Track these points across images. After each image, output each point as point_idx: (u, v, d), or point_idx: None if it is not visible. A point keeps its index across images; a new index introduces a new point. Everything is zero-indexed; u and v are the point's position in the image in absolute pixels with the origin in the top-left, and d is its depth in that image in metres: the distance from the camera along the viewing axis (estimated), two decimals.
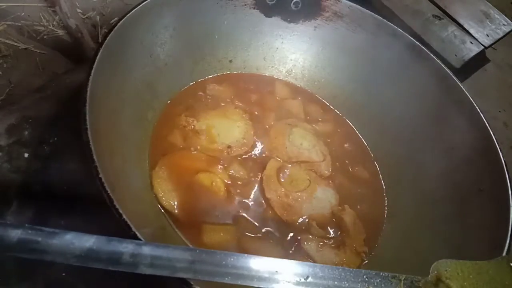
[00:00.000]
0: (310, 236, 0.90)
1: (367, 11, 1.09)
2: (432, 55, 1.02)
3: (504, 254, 0.71)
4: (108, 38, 0.78)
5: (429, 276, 0.60)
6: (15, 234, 0.49)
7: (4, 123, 0.96)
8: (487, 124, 0.90)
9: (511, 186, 0.81)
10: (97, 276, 0.79)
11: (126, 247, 0.52)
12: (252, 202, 0.92)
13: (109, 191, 0.59)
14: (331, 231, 0.93)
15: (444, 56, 1.42)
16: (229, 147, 0.98)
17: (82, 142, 0.63)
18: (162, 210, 0.85)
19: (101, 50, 0.75)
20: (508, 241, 0.73)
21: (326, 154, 1.05)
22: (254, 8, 1.11)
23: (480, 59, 1.57)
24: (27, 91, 1.10)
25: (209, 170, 0.93)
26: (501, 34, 1.60)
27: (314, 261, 0.86)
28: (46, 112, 1.00)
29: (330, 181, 1.01)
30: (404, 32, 1.06)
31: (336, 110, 1.19)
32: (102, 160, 0.64)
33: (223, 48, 1.14)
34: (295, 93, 1.19)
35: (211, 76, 1.15)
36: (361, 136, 1.15)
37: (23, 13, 1.37)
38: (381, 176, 1.08)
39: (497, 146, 0.87)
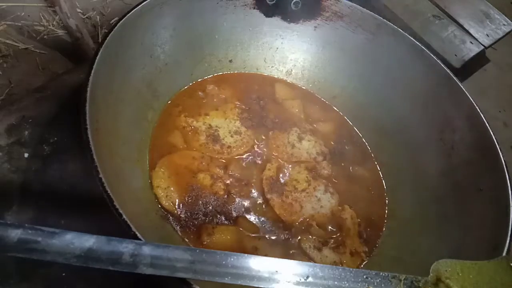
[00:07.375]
0: (310, 236, 0.90)
1: (367, 11, 1.09)
2: (432, 55, 1.02)
3: (504, 254, 0.71)
4: (108, 38, 0.78)
5: (429, 276, 0.60)
6: (15, 234, 0.49)
7: (4, 123, 0.96)
8: (487, 124, 0.90)
9: (511, 186, 0.81)
10: (97, 276, 0.79)
11: (126, 247, 0.52)
12: (252, 202, 0.92)
13: (109, 191, 0.59)
14: (331, 231, 0.93)
15: (444, 56, 1.41)
16: (229, 147, 0.98)
17: (82, 142, 0.63)
18: (162, 210, 0.85)
19: (101, 50, 0.75)
20: (508, 241, 0.73)
21: (326, 154, 1.05)
22: (254, 8, 1.11)
23: (480, 59, 1.56)
24: (27, 91, 1.10)
25: (209, 170, 0.93)
26: (501, 34, 1.60)
27: (314, 261, 0.87)
28: (46, 112, 1.00)
29: (330, 181, 1.01)
30: (404, 32, 1.06)
31: (336, 110, 1.19)
32: (102, 160, 0.64)
33: (223, 48, 1.14)
34: (295, 93, 1.19)
35: (211, 76, 1.15)
36: (361, 136, 1.15)
37: (23, 13, 1.37)
38: (381, 176, 1.08)
39: (497, 146, 0.87)
